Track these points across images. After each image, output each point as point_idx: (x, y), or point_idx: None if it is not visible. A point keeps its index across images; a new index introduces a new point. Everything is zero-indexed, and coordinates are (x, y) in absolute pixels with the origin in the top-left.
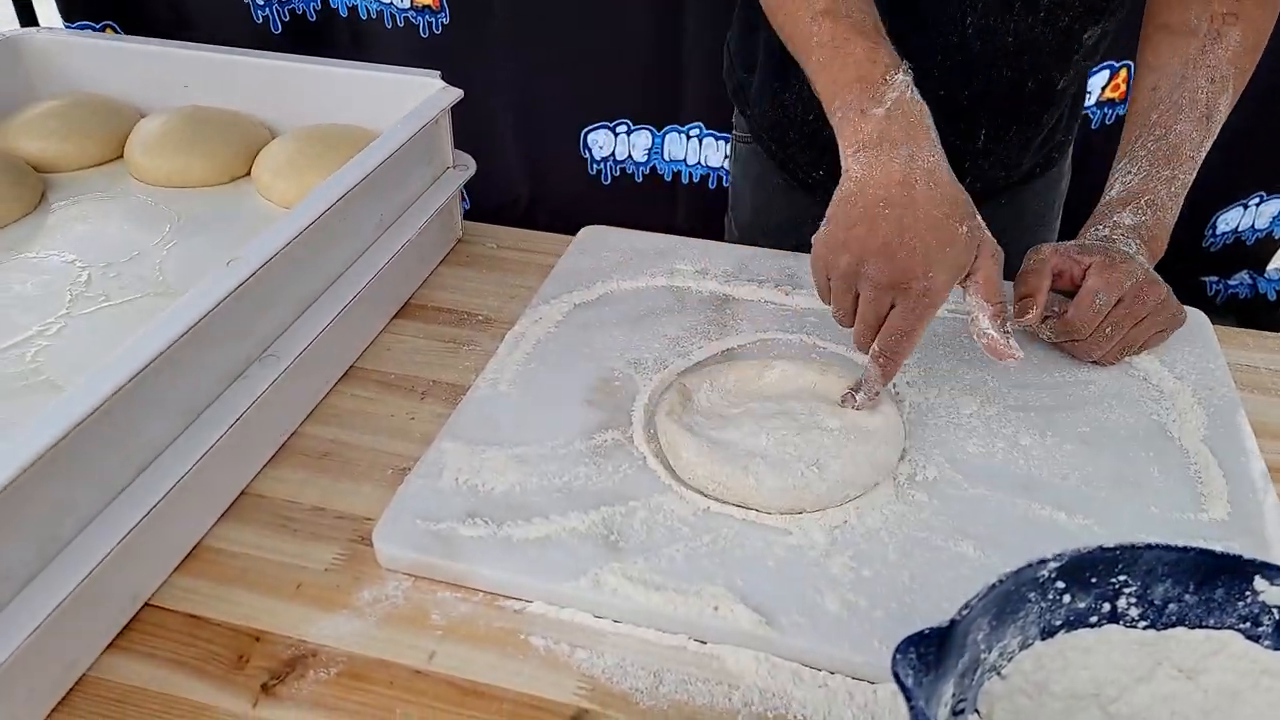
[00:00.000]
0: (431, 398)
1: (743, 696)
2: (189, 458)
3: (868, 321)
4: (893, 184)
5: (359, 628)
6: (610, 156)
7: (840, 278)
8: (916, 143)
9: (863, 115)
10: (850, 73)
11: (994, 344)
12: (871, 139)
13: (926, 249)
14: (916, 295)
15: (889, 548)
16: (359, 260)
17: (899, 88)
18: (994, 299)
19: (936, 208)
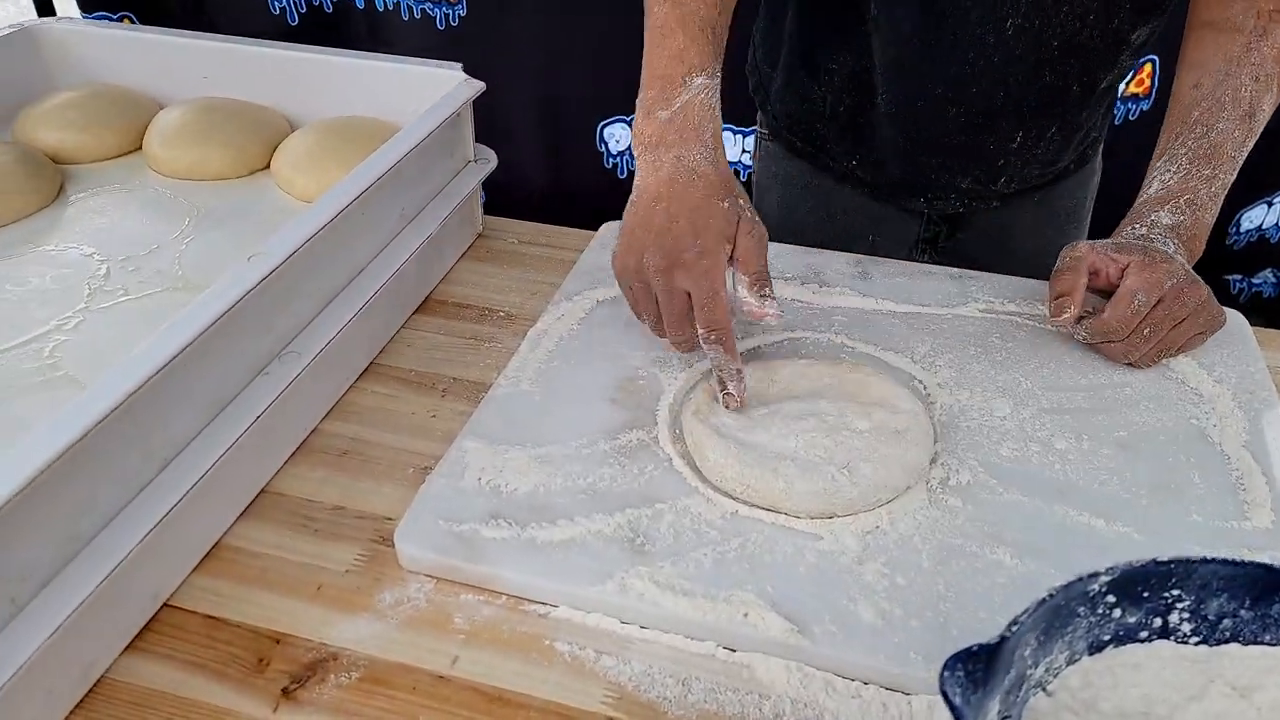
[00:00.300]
0: (452, 395)
1: (774, 707)
2: (210, 455)
3: (673, 311)
4: (662, 184)
5: (380, 631)
6: (627, 150)
7: (635, 280)
8: (686, 145)
9: (648, 117)
10: (659, 68)
11: (750, 308)
12: (651, 142)
13: (691, 224)
14: (694, 262)
15: (923, 554)
16: (380, 255)
17: (692, 90)
18: (749, 269)
19: (698, 193)
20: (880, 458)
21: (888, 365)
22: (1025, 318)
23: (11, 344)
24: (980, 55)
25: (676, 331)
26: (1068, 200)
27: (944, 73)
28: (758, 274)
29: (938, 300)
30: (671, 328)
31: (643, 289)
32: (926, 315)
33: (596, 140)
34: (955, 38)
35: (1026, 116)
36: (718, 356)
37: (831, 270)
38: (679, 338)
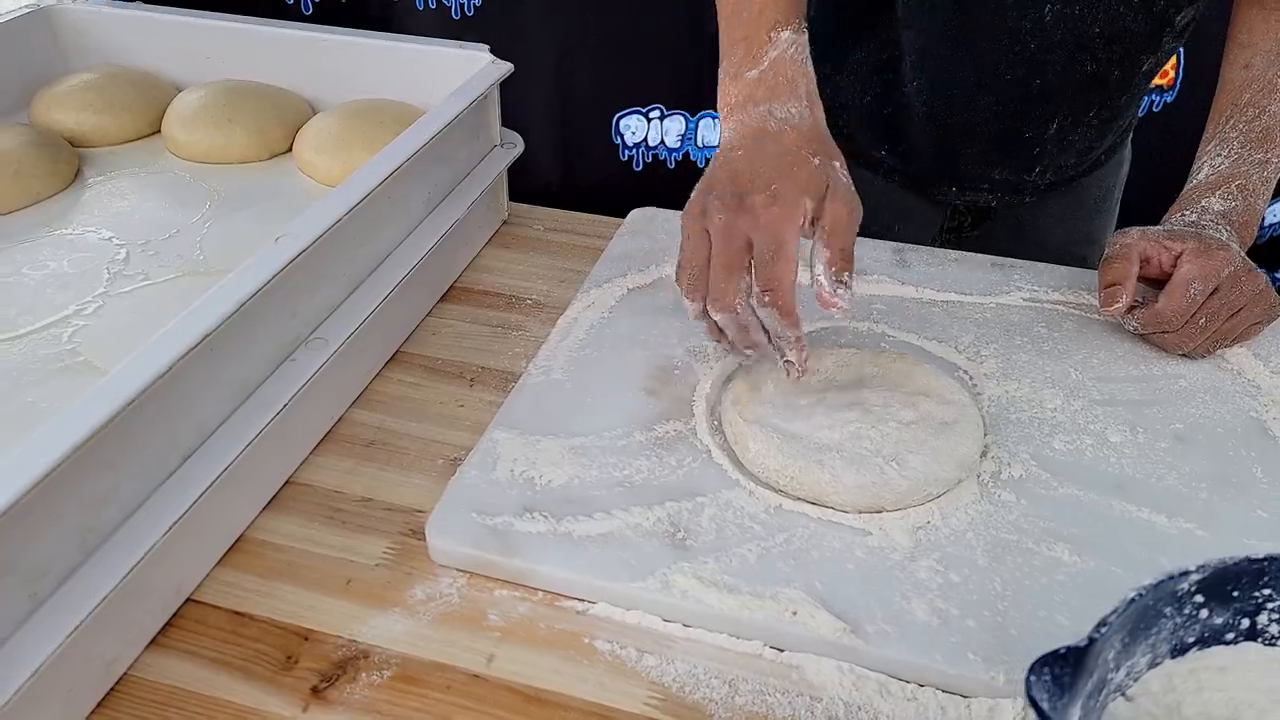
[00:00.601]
0: (480, 384)
1: (826, 709)
2: (236, 444)
3: (724, 256)
4: (748, 134)
5: (412, 627)
6: (642, 143)
7: (694, 225)
8: (778, 99)
9: (735, 80)
10: (739, 31)
11: (820, 290)
12: (738, 102)
13: (772, 169)
14: (763, 207)
15: (977, 551)
16: (407, 240)
17: (780, 45)
18: (834, 242)
19: (788, 140)
20: (930, 450)
21: (931, 355)
22: (1071, 307)
23: (29, 329)
24: (1016, 41)
25: (721, 280)
26: (1096, 189)
27: (978, 60)
28: (842, 251)
29: (979, 289)
30: (716, 275)
31: (699, 235)
32: (969, 304)
33: (612, 132)
34: (990, 24)
35: (1064, 104)
36: (772, 320)
37: (869, 258)
38: (719, 290)
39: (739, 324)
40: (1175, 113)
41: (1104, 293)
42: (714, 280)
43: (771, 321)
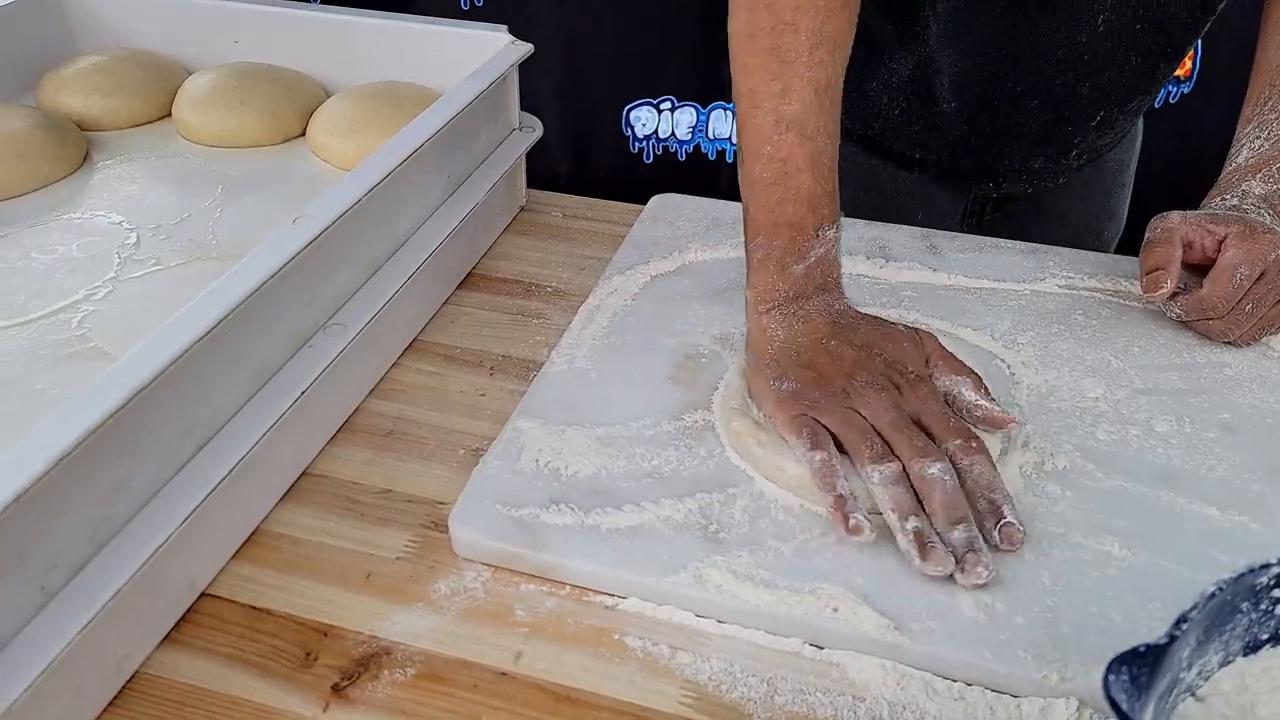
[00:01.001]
0: (501, 373)
1: (869, 709)
2: (252, 433)
3: (903, 423)
4: (822, 326)
5: (436, 623)
6: (653, 135)
7: (825, 410)
8: (830, 293)
9: (782, 273)
10: (788, 212)
11: (990, 414)
12: (786, 297)
13: (886, 350)
14: (915, 384)
15: (1023, 545)
16: (426, 224)
17: (827, 244)
18: (963, 370)
19: (868, 326)
20: None
21: (965, 343)
22: (1108, 294)
23: (39, 314)
24: (1070, 53)
25: (915, 437)
26: (1115, 164)
27: (1026, 74)
28: (972, 374)
29: (1013, 275)
30: (907, 433)
31: (837, 413)
32: (1002, 291)
33: (622, 124)
34: (1042, 42)
35: (1111, 97)
36: (982, 472)
37: (897, 244)
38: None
39: (948, 490)
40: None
41: (1147, 278)
42: (908, 440)
43: (984, 474)
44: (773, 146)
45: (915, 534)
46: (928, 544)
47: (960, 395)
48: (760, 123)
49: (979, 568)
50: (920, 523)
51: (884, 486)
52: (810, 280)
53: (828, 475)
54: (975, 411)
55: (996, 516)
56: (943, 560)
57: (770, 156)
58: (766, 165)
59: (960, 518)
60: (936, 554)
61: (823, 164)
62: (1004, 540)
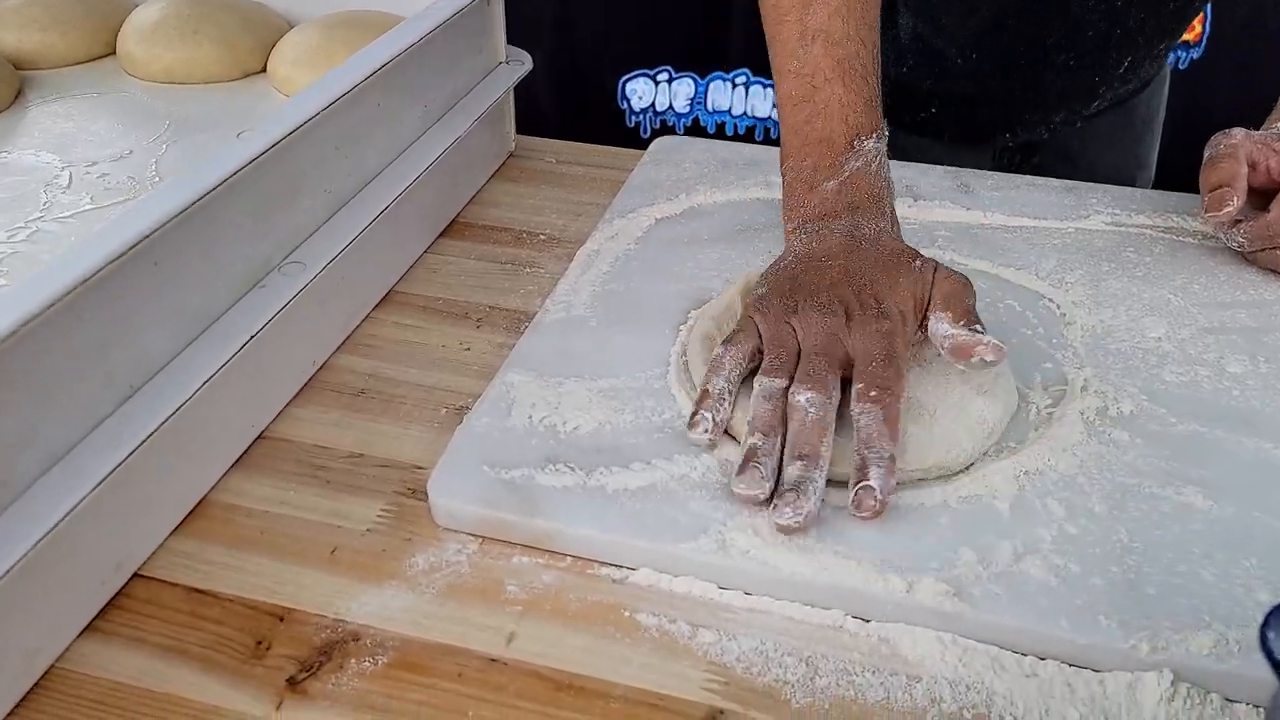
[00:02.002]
0: (489, 325)
1: (927, 690)
2: (190, 383)
3: (822, 350)
4: (834, 247)
5: (413, 603)
6: (650, 107)
7: (768, 313)
8: (864, 213)
9: (811, 191)
10: (816, 128)
11: (955, 341)
12: (813, 214)
13: (872, 279)
14: (873, 319)
15: (1092, 498)
16: (399, 158)
17: (865, 156)
18: (956, 305)
19: (884, 253)
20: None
21: (1008, 283)
22: (1159, 230)
23: None
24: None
25: (820, 367)
26: (1144, 109)
27: (1058, 25)
28: (966, 310)
29: (1054, 213)
30: (812, 360)
31: (780, 326)
32: (1044, 229)
33: (618, 98)
34: None
35: (1139, 41)
36: (871, 425)
37: (926, 183)
38: (815, 371)
39: (806, 423)
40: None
41: (1210, 196)
42: (805, 365)
43: (870, 427)
44: (799, 61)
45: (748, 450)
46: (752, 463)
47: (936, 330)
48: (785, 36)
49: (786, 508)
50: (760, 441)
51: (757, 399)
52: (843, 197)
53: (713, 369)
54: (945, 344)
55: (860, 476)
56: (755, 483)
57: (797, 73)
58: (794, 82)
59: (804, 453)
60: (751, 475)
61: (855, 71)
62: (853, 504)
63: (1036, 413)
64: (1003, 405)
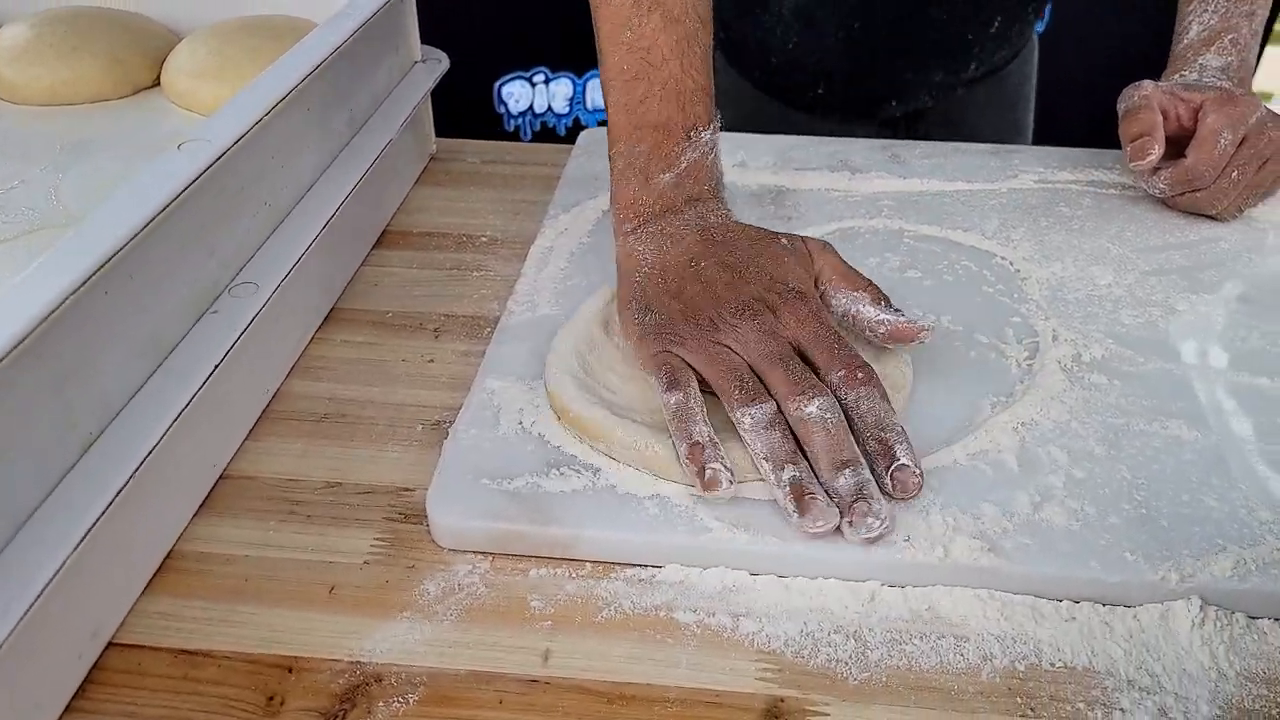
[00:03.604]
0: (448, 334)
1: (977, 648)
2: (155, 425)
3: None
4: (692, 245)
5: (433, 633)
6: (529, 110)
7: (688, 343)
8: (703, 204)
9: (646, 184)
10: (652, 111)
11: (895, 327)
12: (653, 212)
13: (764, 269)
14: (795, 303)
15: (1089, 441)
16: (332, 166)
17: (701, 148)
18: (860, 283)
19: (749, 239)
20: None
21: (959, 245)
22: (1084, 184)
23: None
24: None
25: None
26: (1017, 77)
27: None
28: (870, 285)
29: (984, 176)
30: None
31: (699, 347)
32: (980, 191)
33: (495, 102)
34: None
35: (1010, 2)
36: (872, 404)
37: (858, 156)
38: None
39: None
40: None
41: (1132, 146)
42: (783, 375)
43: (872, 410)
44: (632, 32)
45: (791, 486)
46: (806, 495)
47: (859, 313)
48: (617, 3)
49: (869, 519)
50: (798, 472)
51: (755, 432)
52: (681, 191)
53: (683, 420)
54: (879, 328)
55: (888, 459)
56: (824, 513)
57: (630, 45)
58: (626, 55)
59: (846, 460)
60: (816, 506)
61: (694, 53)
62: (897, 487)
63: (1017, 365)
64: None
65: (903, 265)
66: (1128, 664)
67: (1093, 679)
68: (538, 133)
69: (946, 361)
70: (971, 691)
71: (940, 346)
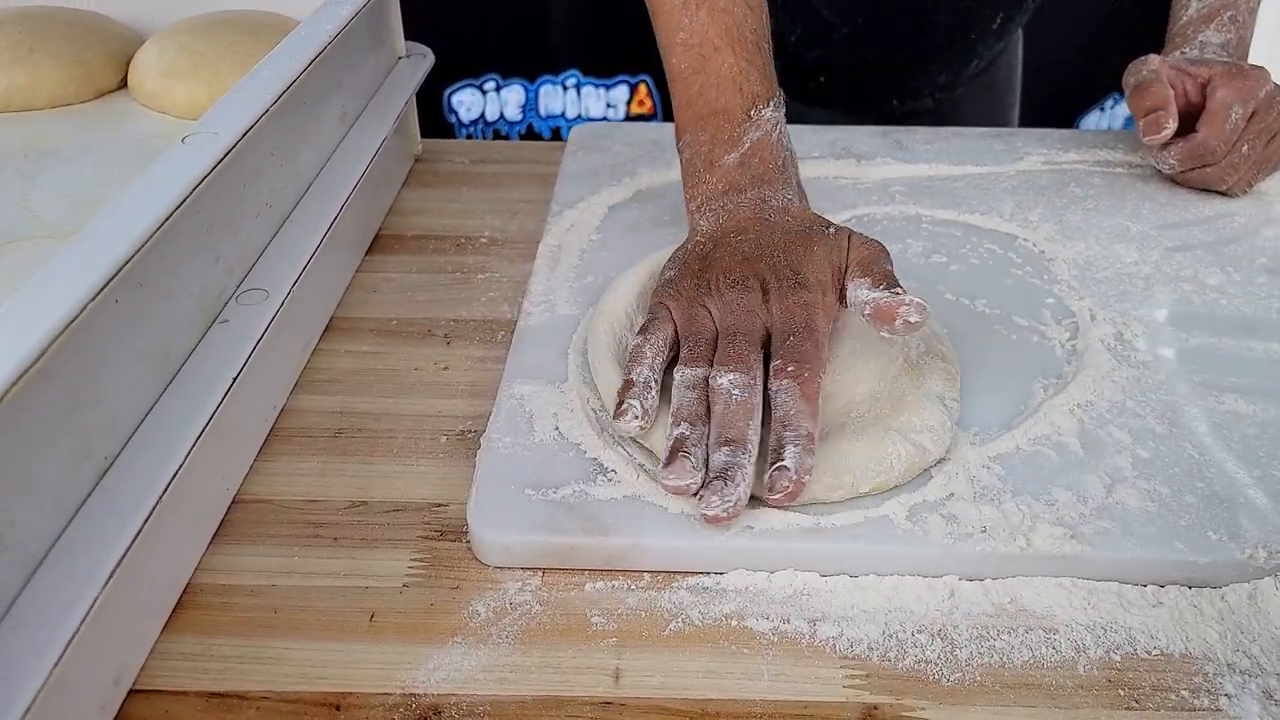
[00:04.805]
0: (461, 339)
1: (1069, 640)
2: (172, 449)
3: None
4: (744, 220)
5: (491, 658)
6: (480, 118)
7: (679, 296)
8: (770, 185)
9: (711, 167)
10: (710, 99)
11: (878, 304)
12: (717, 191)
13: (787, 249)
14: (790, 291)
15: (1148, 419)
16: (327, 166)
17: (764, 125)
18: (875, 269)
19: (795, 223)
20: None
21: (979, 229)
22: (1092, 165)
23: None
24: None
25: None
26: (1005, 69)
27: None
28: (885, 274)
29: (991, 159)
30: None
31: (693, 310)
32: (989, 175)
33: (445, 110)
34: None
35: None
36: (789, 401)
37: (861, 144)
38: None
39: (731, 406)
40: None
41: (1145, 121)
42: (725, 346)
43: (787, 405)
44: (685, 32)
45: (675, 440)
46: (680, 453)
47: (857, 296)
48: (669, 7)
49: (714, 497)
50: (688, 432)
51: (678, 390)
52: (746, 170)
53: (632, 358)
54: (865, 309)
55: (775, 456)
56: (685, 473)
57: (684, 44)
58: (682, 54)
59: (731, 437)
60: (680, 465)
61: (745, 37)
62: (769, 486)
63: (1060, 347)
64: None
65: (926, 251)
66: (1224, 647)
67: (1192, 665)
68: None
69: (990, 346)
70: (1071, 686)
71: (981, 331)
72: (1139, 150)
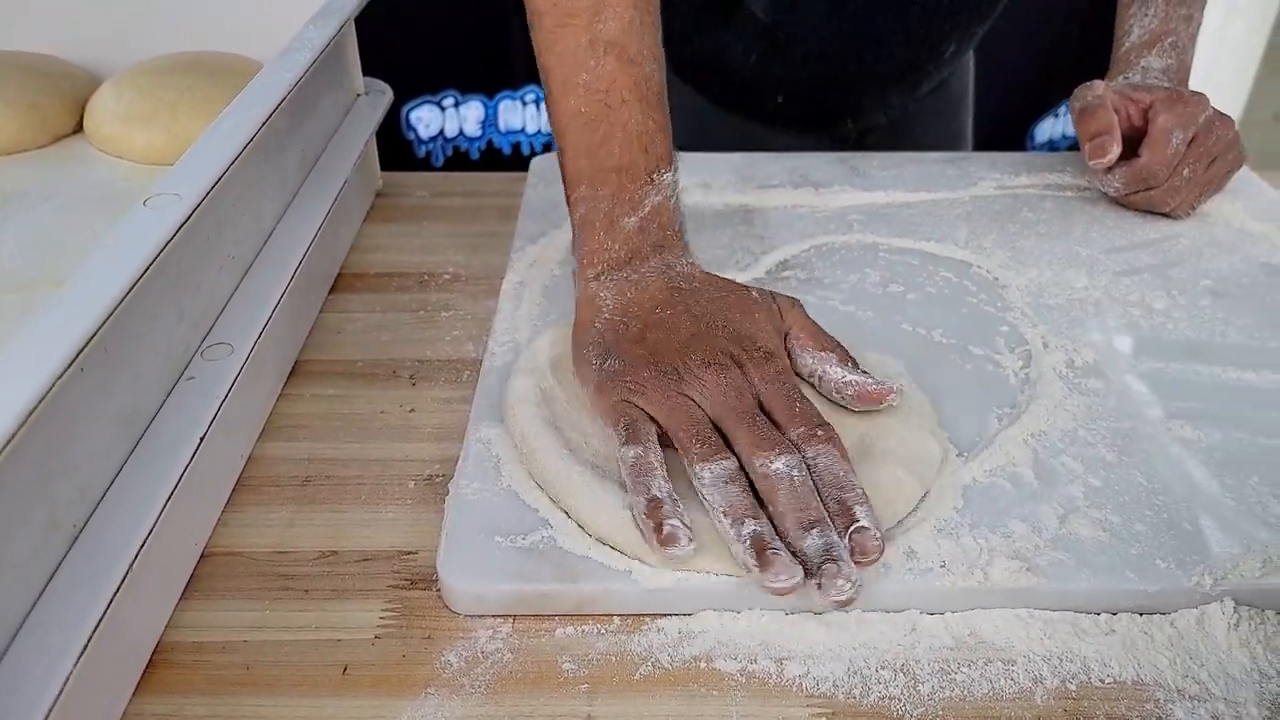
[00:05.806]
0: (427, 381)
1: (1026, 670)
2: (141, 513)
3: (746, 410)
4: (660, 292)
5: (464, 709)
6: (439, 135)
7: (650, 393)
8: (670, 251)
9: (611, 229)
10: (614, 153)
11: (863, 389)
12: (619, 259)
13: (732, 322)
14: (763, 362)
15: (1099, 448)
16: (288, 212)
17: (663, 190)
18: (828, 344)
19: (717, 292)
20: None
21: (934, 256)
22: (1041, 189)
23: None
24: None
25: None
26: (958, 86)
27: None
28: (837, 346)
29: (946, 185)
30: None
31: (662, 398)
32: (944, 201)
33: (403, 128)
34: None
35: (963, 23)
36: (832, 464)
37: (819, 171)
38: (765, 436)
39: (797, 489)
40: None
41: (1090, 145)
42: (748, 431)
43: (831, 469)
44: (589, 74)
45: (753, 539)
46: (769, 549)
47: (826, 373)
48: (571, 45)
49: (839, 580)
50: (759, 526)
51: (715, 488)
52: (646, 236)
53: (641, 474)
54: (846, 390)
55: (847, 520)
56: (787, 569)
57: (588, 87)
58: (585, 97)
59: (814, 520)
60: (780, 561)
61: (651, 93)
62: (855, 550)
63: (1014, 376)
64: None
65: (884, 280)
66: (1174, 673)
67: (1144, 691)
68: (450, 158)
69: (946, 376)
70: (1029, 718)
71: (937, 361)
72: (1087, 173)
